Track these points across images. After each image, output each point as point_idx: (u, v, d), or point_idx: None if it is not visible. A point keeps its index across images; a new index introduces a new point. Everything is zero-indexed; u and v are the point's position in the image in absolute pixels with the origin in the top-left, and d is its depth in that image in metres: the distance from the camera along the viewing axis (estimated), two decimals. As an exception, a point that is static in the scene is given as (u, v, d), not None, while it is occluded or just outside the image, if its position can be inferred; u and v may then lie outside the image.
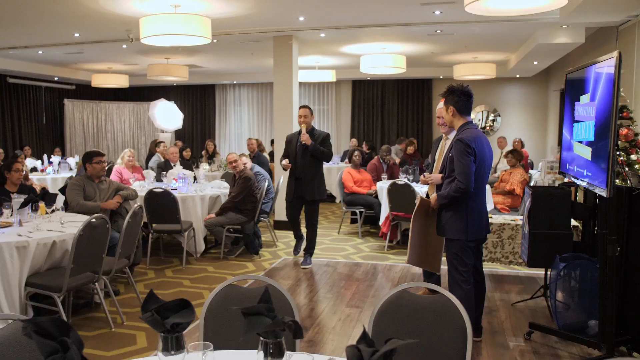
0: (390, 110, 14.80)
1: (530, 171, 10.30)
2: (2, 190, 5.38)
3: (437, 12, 7.37)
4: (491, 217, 5.70)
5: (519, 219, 5.77)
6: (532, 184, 8.17)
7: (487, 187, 7.59)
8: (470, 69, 11.23)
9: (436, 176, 4.16)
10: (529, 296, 5.20)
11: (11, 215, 4.74)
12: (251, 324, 1.52)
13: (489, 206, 7.53)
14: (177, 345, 1.60)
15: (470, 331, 2.07)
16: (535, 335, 4.32)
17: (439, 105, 4.58)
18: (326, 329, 4.56)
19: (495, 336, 4.37)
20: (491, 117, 14.33)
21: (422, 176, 4.42)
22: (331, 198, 11.89)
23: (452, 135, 4.53)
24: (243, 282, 2.51)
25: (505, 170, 8.39)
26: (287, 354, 1.57)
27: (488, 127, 14.29)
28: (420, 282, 4.93)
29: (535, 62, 10.99)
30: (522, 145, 11.56)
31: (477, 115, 14.33)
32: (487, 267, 6.23)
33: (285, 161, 6.51)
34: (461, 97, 3.92)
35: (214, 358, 1.64)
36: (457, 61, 11.76)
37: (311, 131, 6.44)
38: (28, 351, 1.89)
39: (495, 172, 10.48)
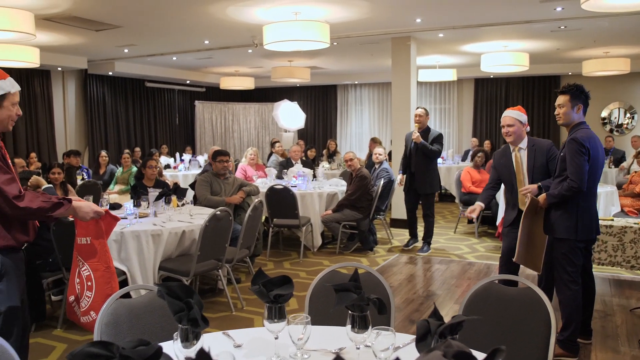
0: (515, 108, 14.34)
1: (668, 173, 9.61)
2: (140, 184, 6.04)
3: (559, 9, 7.16)
4: (612, 220, 5.48)
5: (642, 222, 5.49)
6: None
7: (614, 189, 7.31)
8: (601, 64, 10.64)
9: (532, 186, 4.09)
10: (651, 303, 4.97)
11: (148, 207, 5.32)
12: (340, 298, 1.75)
13: (616, 209, 7.17)
14: (279, 314, 1.88)
15: (555, 324, 2.13)
16: (652, 342, 4.16)
17: (507, 113, 4.36)
18: (433, 324, 4.65)
19: (607, 340, 4.25)
20: (627, 114, 13.47)
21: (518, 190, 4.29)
22: (450, 198, 11.78)
23: (524, 145, 4.37)
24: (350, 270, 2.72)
25: (636, 172, 7.94)
26: (371, 328, 1.76)
27: (624, 126, 13.44)
28: (506, 275, 4.69)
29: (676, 56, 10.24)
30: (663, 145, 10.75)
31: (612, 113, 13.55)
32: (609, 272, 6.00)
33: (402, 176, 7.30)
34: (588, 97, 3.88)
35: (311, 330, 1.87)
36: (587, 56, 11.19)
37: (426, 130, 7.00)
38: (160, 316, 2.30)
39: (628, 173, 9.88)
